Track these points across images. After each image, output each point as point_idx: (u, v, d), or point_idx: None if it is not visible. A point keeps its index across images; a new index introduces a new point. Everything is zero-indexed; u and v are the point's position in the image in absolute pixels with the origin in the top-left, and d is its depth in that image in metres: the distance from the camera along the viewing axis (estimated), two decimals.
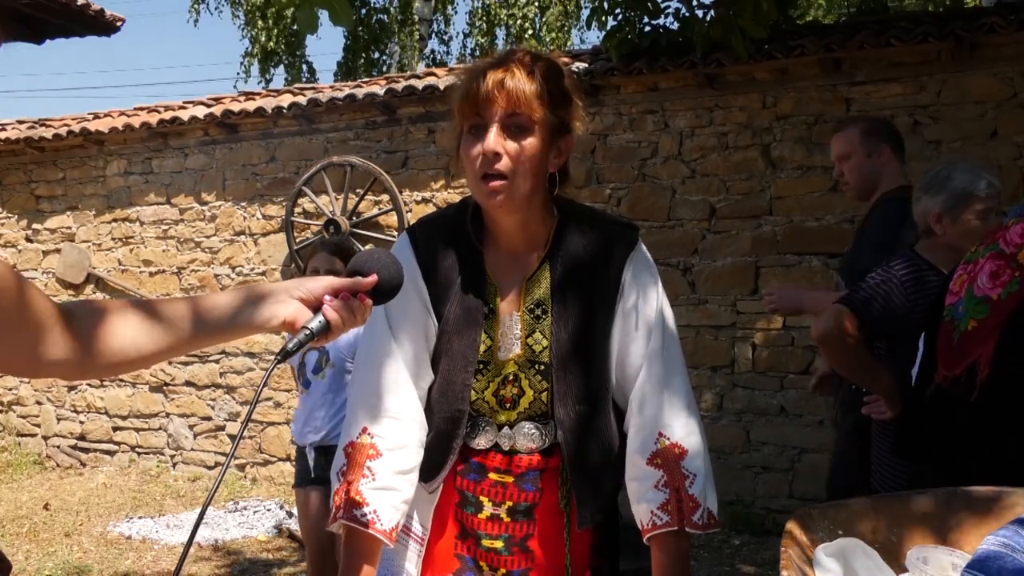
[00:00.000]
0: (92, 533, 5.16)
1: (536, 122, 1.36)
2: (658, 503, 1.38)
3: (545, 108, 1.36)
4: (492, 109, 1.35)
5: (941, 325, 1.98)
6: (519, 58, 1.39)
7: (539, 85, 1.36)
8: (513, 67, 1.36)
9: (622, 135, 5.25)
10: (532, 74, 1.36)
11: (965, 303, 1.90)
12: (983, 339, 1.84)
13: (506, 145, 1.36)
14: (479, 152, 1.36)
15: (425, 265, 1.47)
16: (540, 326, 1.45)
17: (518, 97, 1.34)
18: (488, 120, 1.36)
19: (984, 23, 4.24)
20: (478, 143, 1.37)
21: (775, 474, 4.88)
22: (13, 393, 7.26)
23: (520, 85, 1.35)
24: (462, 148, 1.41)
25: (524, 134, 1.36)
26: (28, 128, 6.88)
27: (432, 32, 13.82)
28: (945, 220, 2.38)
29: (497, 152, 1.35)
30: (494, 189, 1.37)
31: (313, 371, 3.13)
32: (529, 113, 1.35)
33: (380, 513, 1.36)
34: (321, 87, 6.39)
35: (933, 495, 1.37)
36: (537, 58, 1.41)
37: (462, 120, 1.40)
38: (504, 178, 1.36)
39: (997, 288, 1.83)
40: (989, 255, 1.87)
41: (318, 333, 1.09)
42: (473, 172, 1.39)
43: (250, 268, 6.42)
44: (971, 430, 1.91)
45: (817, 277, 4.73)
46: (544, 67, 1.39)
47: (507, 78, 1.35)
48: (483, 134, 1.37)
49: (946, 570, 1.21)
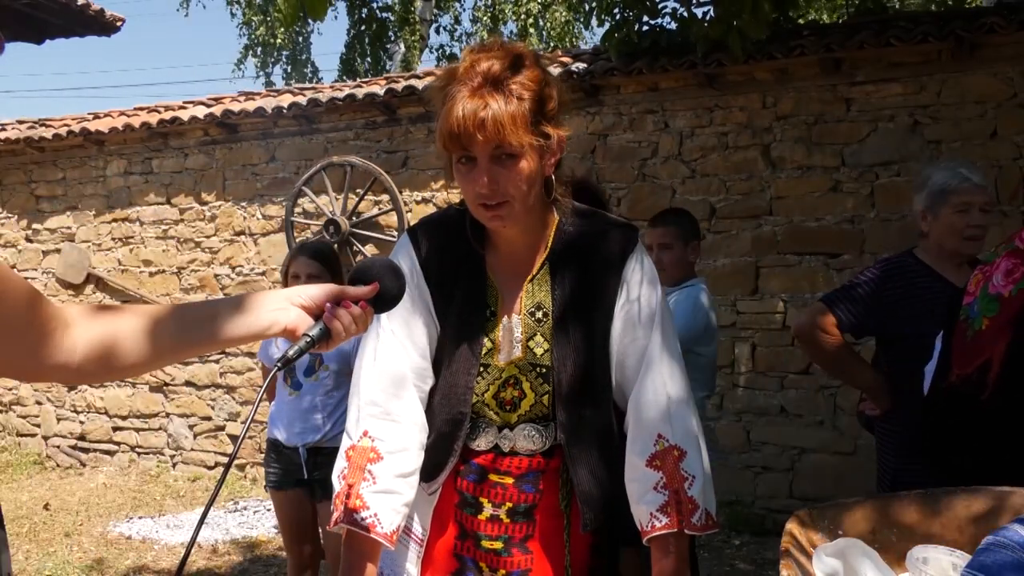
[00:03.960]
0: (92, 533, 5.16)
1: (523, 147, 1.33)
2: (657, 505, 1.38)
3: (529, 131, 1.32)
4: (476, 146, 1.32)
5: (956, 325, 1.99)
6: (491, 75, 1.32)
7: (516, 107, 1.31)
8: (487, 95, 1.30)
9: (622, 135, 5.25)
10: (508, 96, 1.31)
11: (979, 302, 1.91)
12: (995, 337, 1.85)
13: (498, 176, 1.34)
14: (473, 187, 1.35)
15: (426, 267, 1.47)
16: (541, 329, 1.45)
17: (499, 131, 1.30)
18: (475, 154, 1.34)
19: (984, 23, 4.24)
20: (470, 174, 1.35)
21: (775, 474, 4.88)
22: (13, 393, 7.26)
23: (498, 115, 1.29)
24: (456, 176, 1.39)
25: (514, 160, 1.34)
26: (28, 128, 6.88)
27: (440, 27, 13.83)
28: (929, 217, 2.42)
29: (492, 188, 1.34)
30: (495, 215, 1.37)
31: (305, 373, 3.10)
32: (514, 140, 1.31)
33: (381, 516, 1.36)
34: (321, 87, 6.39)
35: (933, 495, 1.37)
36: (508, 66, 1.34)
37: (448, 154, 1.38)
38: (502, 205, 1.36)
39: (1009, 285, 1.83)
40: (1006, 253, 1.89)
41: (318, 340, 1.09)
42: (470, 200, 1.39)
43: (250, 268, 6.42)
44: (983, 429, 1.92)
45: (817, 277, 4.73)
46: (519, 79, 1.33)
47: (485, 113, 1.29)
48: (473, 166, 1.35)
49: (946, 570, 1.21)
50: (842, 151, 4.74)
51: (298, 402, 3.09)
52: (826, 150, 4.76)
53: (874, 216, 4.67)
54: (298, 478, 3.10)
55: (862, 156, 4.69)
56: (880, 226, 4.64)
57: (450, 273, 1.47)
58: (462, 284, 1.47)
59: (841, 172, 4.72)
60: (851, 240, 4.70)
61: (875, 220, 4.66)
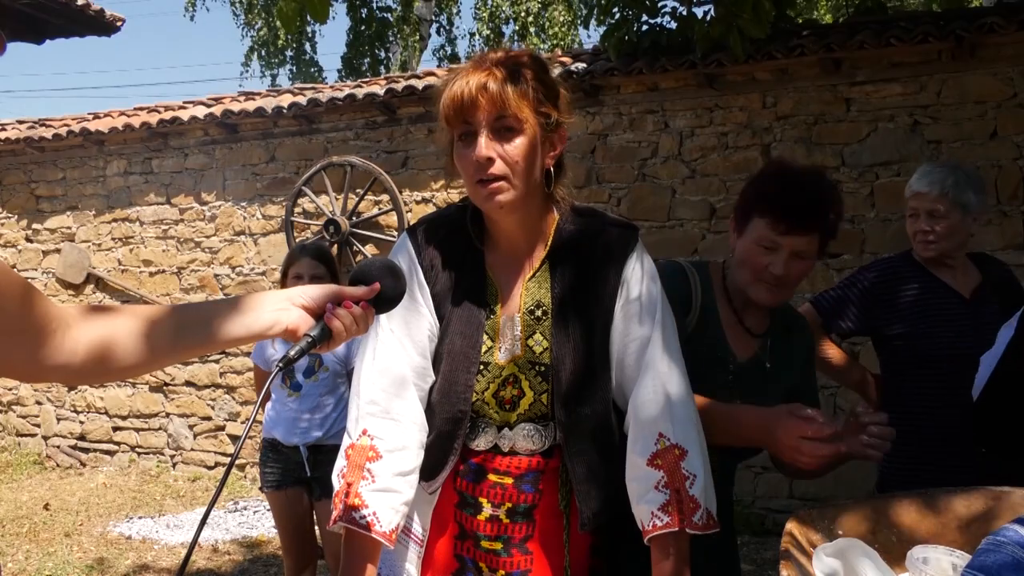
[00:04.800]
0: (92, 533, 5.16)
1: (524, 121, 1.36)
2: (658, 504, 1.38)
3: (531, 106, 1.36)
4: (478, 115, 1.35)
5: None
6: (498, 59, 1.38)
7: (522, 84, 1.36)
8: (493, 69, 1.36)
9: (622, 135, 5.25)
10: (514, 73, 1.36)
11: None
12: None
13: (498, 149, 1.36)
14: (472, 160, 1.36)
15: (426, 265, 1.47)
16: (540, 327, 1.45)
17: (502, 99, 1.34)
18: (476, 126, 1.36)
19: (984, 23, 4.24)
20: (470, 150, 1.37)
21: (775, 474, 4.84)
22: (13, 393, 7.26)
23: (503, 87, 1.34)
24: (455, 156, 1.41)
25: (514, 135, 1.36)
26: (28, 128, 6.88)
27: (439, 28, 13.84)
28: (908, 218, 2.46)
29: (490, 157, 1.35)
30: (492, 191, 1.37)
31: (304, 374, 3.10)
32: (516, 113, 1.35)
33: (380, 515, 1.35)
34: (321, 87, 6.40)
35: (933, 495, 1.37)
36: (516, 56, 1.40)
37: (451, 129, 1.40)
38: (500, 180, 1.37)
39: None
40: None
41: (319, 341, 1.09)
42: (469, 178, 1.40)
43: (250, 268, 6.42)
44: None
45: (817, 277, 4.73)
46: (524, 64, 1.38)
47: (489, 81, 1.34)
48: (473, 141, 1.36)
49: (946, 570, 1.21)
50: (842, 151, 4.74)
51: (298, 403, 3.09)
52: (826, 150, 4.76)
53: (874, 216, 4.67)
54: (297, 476, 3.10)
55: (862, 156, 4.69)
56: (880, 226, 4.64)
57: (450, 271, 1.47)
58: (462, 282, 1.47)
59: (841, 172, 4.72)
60: (851, 240, 4.70)
61: (875, 220, 4.67)
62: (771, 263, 1.67)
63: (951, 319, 2.32)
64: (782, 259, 1.65)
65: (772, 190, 1.70)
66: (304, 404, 3.08)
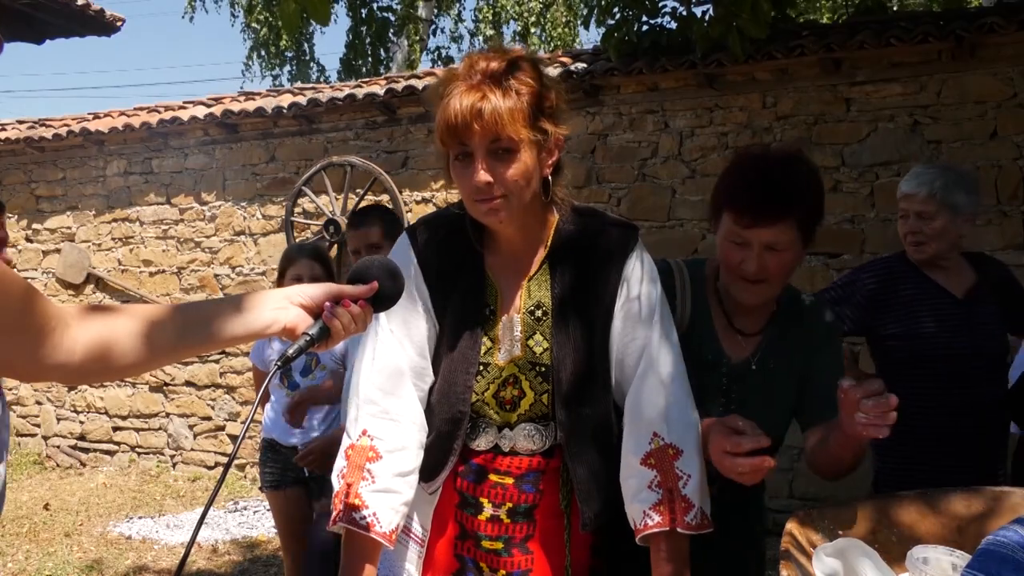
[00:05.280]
0: (92, 533, 5.16)
1: (520, 141, 1.33)
2: (650, 503, 1.38)
3: (526, 123, 1.33)
4: (473, 139, 1.33)
5: None
6: (490, 71, 1.33)
7: (515, 101, 1.32)
8: (485, 89, 1.31)
9: (622, 135, 5.25)
10: (507, 90, 1.32)
11: None
12: None
13: (495, 172, 1.34)
14: (470, 184, 1.35)
15: (425, 266, 1.47)
16: (540, 328, 1.45)
17: (497, 124, 1.30)
18: (472, 148, 1.34)
19: (984, 23, 4.23)
20: (467, 172, 1.35)
21: (775, 474, 4.88)
22: (13, 393, 7.25)
23: (496, 108, 1.30)
24: (453, 174, 1.39)
25: (510, 156, 1.34)
26: (28, 128, 6.88)
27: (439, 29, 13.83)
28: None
29: (488, 182, 1.34)
30: (491, 209, 1.37)
31: (301, 373, 3.10)
32: (511, 135, 1.32)
33: (380, 516, 1.35)
34: (321, 87, 6.39)
35: (932, 495, 1.37)
36: (509, 64, 1.35)
37: (447, 149, 1.38)
38: (499, 199, 1.35)
39: None
40: None
41: (318, 339, 1.09)
42: (467, 196, 1.39)
43: (250, 268, 6.42)
44: None
45: (817, 277, 4.73)
46: (517, 73, 1.34)
47: (483, 104, 1.30)
48: (470, 163, 1.35)
49: (946, 570, 1.21)
50: (842, 151, 4.74)
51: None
52: (826, 150, 4.75)
53: (874, 216, 4.67)
54: (296, 476, 3.10)
55: (862, 156, 4.69)
56: (880, 226, 4.63)
57: (449, 272, 1.47)
58: (461, 283, 1.46)
59: (841, 172, 4.72)
60: (851, 240, 4.69)
61: (875, 220, 4.66)
62: (743, 259, 1.57)
63: (944, 319, 2.32)
64: (754, 254, 1.55)
65: (732, 181, 1.59)
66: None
